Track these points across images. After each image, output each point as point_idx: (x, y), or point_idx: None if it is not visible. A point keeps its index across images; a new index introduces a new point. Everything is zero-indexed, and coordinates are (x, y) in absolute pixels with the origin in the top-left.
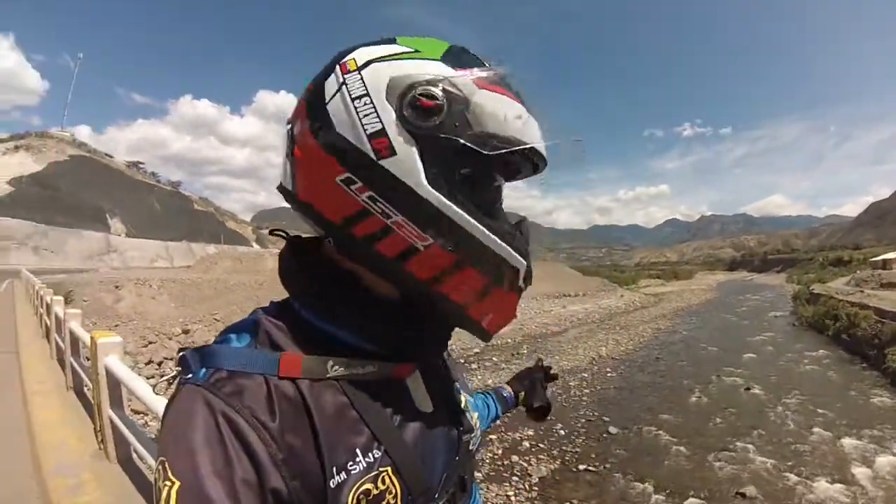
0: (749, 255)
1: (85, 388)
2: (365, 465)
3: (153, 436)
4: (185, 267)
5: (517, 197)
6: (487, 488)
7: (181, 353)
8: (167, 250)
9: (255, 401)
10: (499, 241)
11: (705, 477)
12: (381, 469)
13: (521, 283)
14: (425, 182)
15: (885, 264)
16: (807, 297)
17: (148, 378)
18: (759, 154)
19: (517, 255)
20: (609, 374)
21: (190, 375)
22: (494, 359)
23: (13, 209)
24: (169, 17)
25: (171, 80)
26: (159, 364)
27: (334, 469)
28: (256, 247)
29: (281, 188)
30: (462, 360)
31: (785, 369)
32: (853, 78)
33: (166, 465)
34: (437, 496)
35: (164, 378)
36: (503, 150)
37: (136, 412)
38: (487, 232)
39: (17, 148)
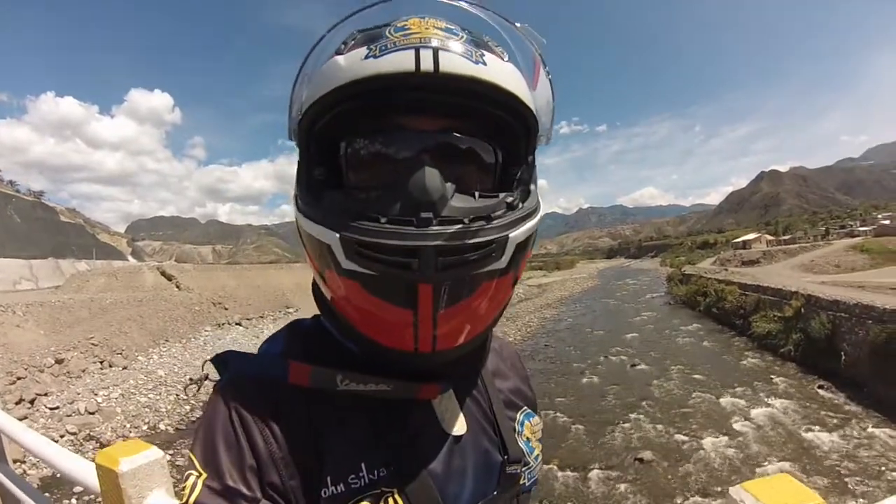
0: (626, 243)
1: None
2: (367, 481)
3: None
4: (53, 288)
5: None
6: None
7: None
8: (31, 270)
9: (263, 402)
10: (311, 224)
11: (604, 449)
12: (385, 490)
13: (346, 262)
14: (293, 203)
15: (745, 244)
16: (679, 278)
17: (21, 419)
18: (633, 150)
19: (321, 227)
20: None
21: (219, 379)
22: None
23: None
24: (27, 4)
25: (30, 74)
26: (31, 402)
27: (329, 479)
28: (133, 260)
29: None
30: None
31: (665, 344)
32: (716, 79)
33: (194, 459)
34: None
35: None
36: (321, 119)
37: (15, 460)
38: (305, 220)
39: None
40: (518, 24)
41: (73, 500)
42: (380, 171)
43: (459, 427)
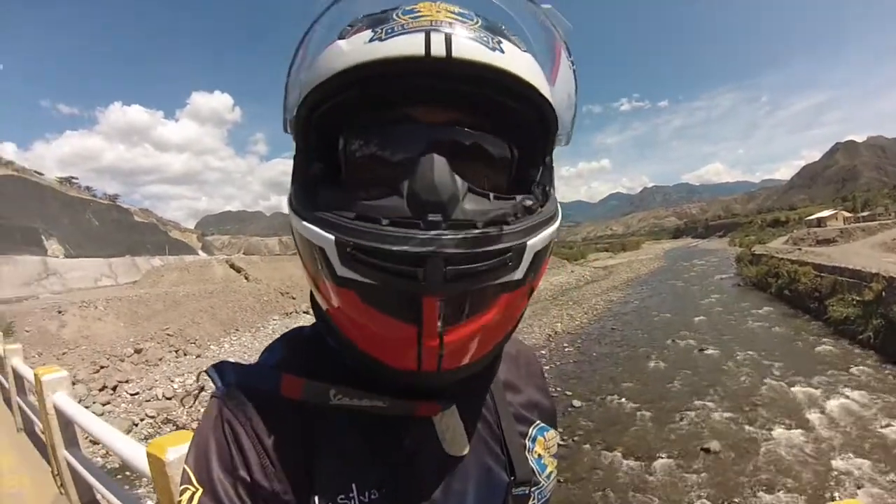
0: (692, 223)
1: (37, 429)
2: (357, 502)
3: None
4: (130, 283)
5: None
6: None
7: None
8: (110, 267)
9: (256, 414)
10: (305, 225)
11: (670, 438)
12: None
13: (342, 268)
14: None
15: (820, 222)
16: (749, 259)
17: (104, 404)
18: (696, 125)
19: (317, 229)
20: (567, 349)
21: (215, 389)
22: None
23: None
24: (90, 21)
25: (99, 87)
26: (114, 389)
27: (317, 498)
28: (203, 255)
29: None
30: None
31: (734, 328)
32: (780, 46)
33: (189, 472)
34: None
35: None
36: (321, 109)
37: (95, 442)
38: (299, 220)
39: None
40: (545, 6)
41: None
42: (383, 168)
43: (461, 447)
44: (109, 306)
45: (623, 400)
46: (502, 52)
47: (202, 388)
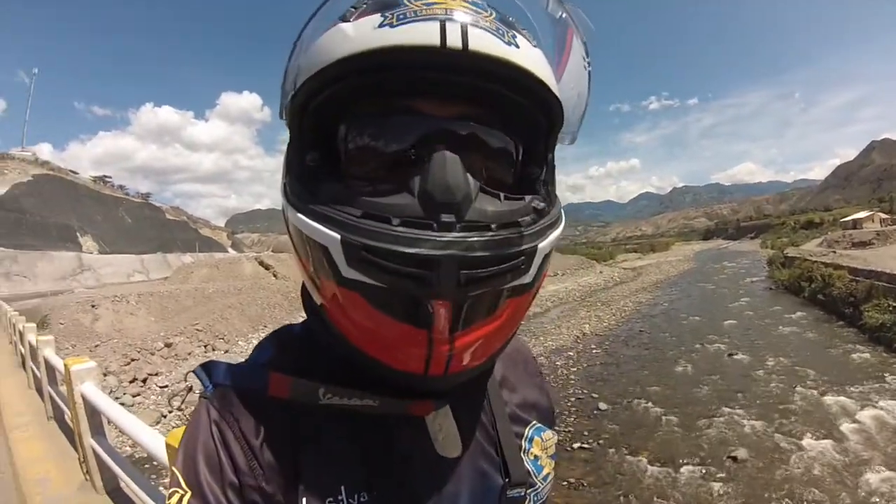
0: (723, 224)
1: (66, 417)
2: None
3: (145, 455)
4: (161, 279)
5: None
6: None
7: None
8: (142, 263)
9: (244, 415)
10: (306, 221)
11: (697, 444)
12: None
13: (347, 269)
14: (282, 192)
15: (856, 224)
16: (781, 261)
17: (134, 396)
18: (726, 123)
19: (320, 227)
20: (594, 351)
21: (203, 389)
22: None
23: None
24: (123, 25)
25: (131, 88)
26: (144, 381)
27: (305, 500)
28: (232, 252)
29: None
30: None
31: (765, 333)
32: (812, 41)
33: (177, 474)
34: None
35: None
36: (319, 96)
37: (123, 433)
38: (297, 214)
39: None
40: (571, 6)
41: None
42: (387, 161)
43: (454, 448)
44: (141, 301)
45: (649, 404)
46: (517, 46)
47: (190, 389)
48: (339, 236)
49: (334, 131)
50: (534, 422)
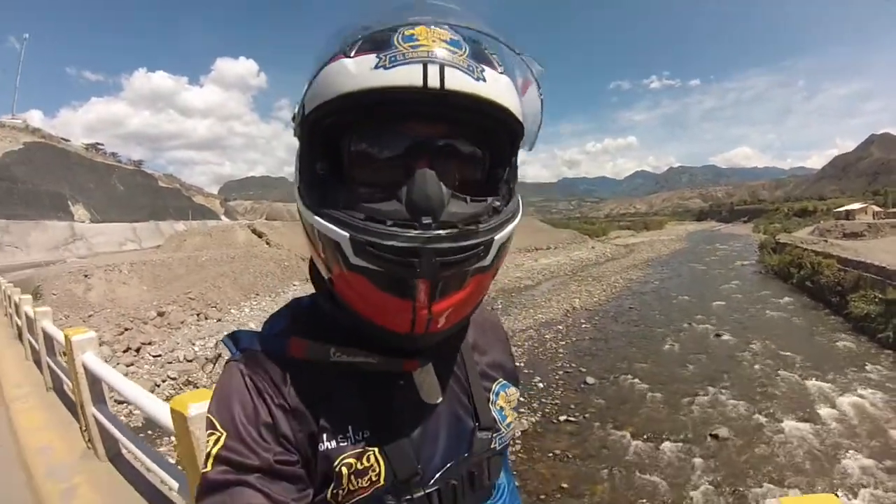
0: (717, 206)
1: (65, 387)
2: (353, 441)
3: (140, 424)
4: (154, 247)
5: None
6: None
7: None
8: (134, 232)
9: (272, 370)
10: (320, 221)
11: (680, 421)
12: (367, 448)
13: (355, 258)
14: (296, 196)
15: (849, 215)
16: (772, 247)
17: (128, 366)
18: (727, 107)
19: (331, 225)
20: (584, 326)
21: (230, 355)
22: None
23: None
24: None
25: (123, 53)
26: (137, 350)
27: (325, 436)
28: (226, 219)
29: None
30: None
31: (752, 316)
32: (820, 29)
33: (213, 419)
34: (431, 483)
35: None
36: (327, 120)
37: (120, 402)
38: (312, 215)
39: None
40: (520, 53)
41: (172, 438)
42: (382, 172)
43: (435, 396)
44: (134, 270)
45: (636, 380)
46: (485, 80)
47: (219, 356)
48: (348, 235)
49: (339, 145)
50: (500, 379)
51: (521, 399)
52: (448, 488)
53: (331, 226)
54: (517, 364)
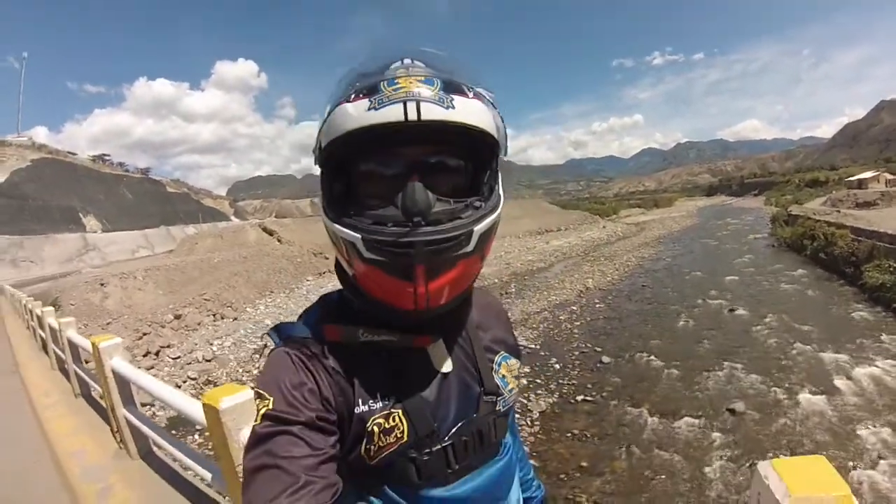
0: (727, 180)
1: (93, 393)
2: (381, 404)
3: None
4: (166, 252)
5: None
6: None
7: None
8: (146, 238)
9: (314, 348)
10: (338, 227)
11: (696, 397)
12: (392, 410)
13: (367, 253)
14: (321, 203)
15: (861, 184)
16: (784, 219)
17: (148, 369)
18: (733, 79)
19: (344, 228)
20: (598, 305)
21: (274, 345)
22: None
23: None
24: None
25: (123, 63)
26: (157, 354)
27: (360, 401)
28: (236, 220)
29: None
30: None
31: (766, 289)
32: None
33: (260, 391)
34: (445, 439)
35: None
36: (338, 151)
37: (143, 404)
38: (332, 223)
39: None
40: (471, 87)
41: (196, 436)
42: (383, 186)
43: (446, 366)
44: (148, 276)
45: (651, 357)
46: (454, 108)
47: (265, 346)
48: (360, 236)
49: (349, 169)
50: (502, 352)
51: (539, 381)
52: (460, 443)
53: (347, 230)
54: (534, 346)
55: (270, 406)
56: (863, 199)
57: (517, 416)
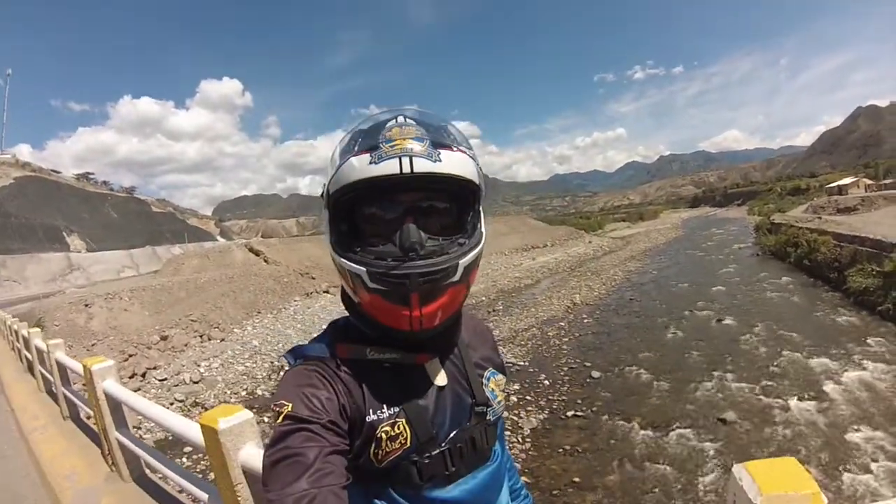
0: (710, 191)
1: (81, 415)
2: (388, 414)
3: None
4: (152, 272)
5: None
6: None
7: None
8: (131, 258)
9: (330, 364)
10: (346, 262)
11: (687, 408)
12: (397, 419)
13: (371, 283)
14: (327, 241)
15: (841, 190)
16: (768, 228)
17: (135, 391)
18: (713, 91)
19: (350, 263)
20: (586, 321)
21: (290, 365)
22: None
23: None
24: (92, 18)
25: (107, 82)
26: (143, 376)
27: (371, 410)
28: (222, 240)
29: None
30: None
31: (752, 298)
32: (801, 3)
33: (281, 400)
34: (443, 444)
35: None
36: (344, 197)
37: (134, 427)
38: (340, 258)
39: None
40: (450, 144)
41: (184, 458)
42: (383, 227)
43: (442, 380)
44: (134, 296)
45: (641, 370)
46: (441, 160)
47: (282, 367)
48: (365, 269)
49: (354, 211)
50: (490, 368)
51: (529, 398)
52: (456, 449)
53: (354, 265)
54: (523, 363)
55: (290, 409)
56: (843, 204)
57: (508, 433)
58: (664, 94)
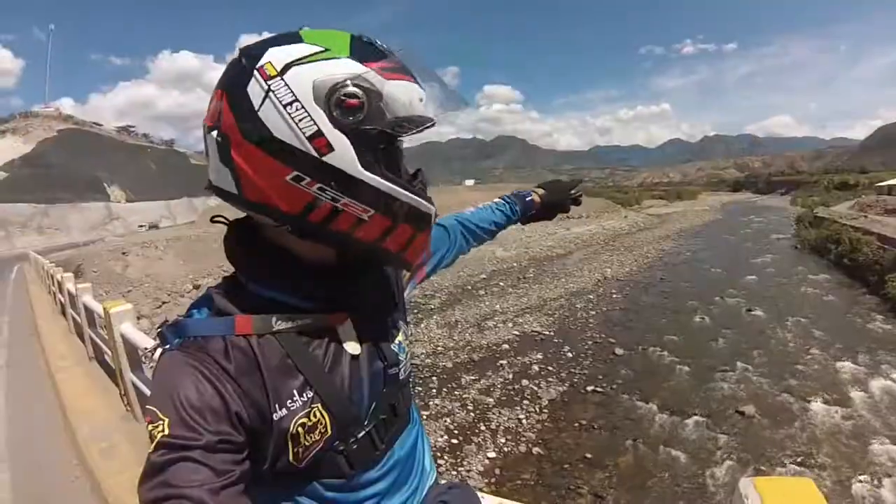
0: (753, 177)
1: (105, 357)
2: (300, 403)
3: None
4: (188, 223)
5: (513, 121)
6: (499, 413)
7: (159, 330)
8: (169, 209)
9: (216, 352)
10: (416, 198)
11: (707, 396)
12: (312, 406)
13: (433, 223)
14: (361, 168)
15: (892, 190)
16: (810, 221)
17: None
18: (765, 73)
19: (428, 203)
20: (614, 296)
21: (167, 346)
22: (501, 283)
23: (12, 193)
24: None
25: (147, 36)
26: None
27: (276, 405)
28: None
29: (218, 190)
30: (469, 287)
31: (786, 292)
32: None
33: (155, 410)
34: (366, 423)
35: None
36: (413, 131)
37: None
38: (409, 194)
39: (3, 132)
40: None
41: None
42: (399, 161)
43: (355, 348)
44: (169, 246)
45: (664, 352)
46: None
47: (158, 346)
48: (433, 208)
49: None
50: (399, 322)
51: (550, 368)
52: (380, 423)
53: (427, 204)
54: (548, 332)
55: (166, 431)
56: (893, 205)
57: (526, 402)
58: (713, 72)
